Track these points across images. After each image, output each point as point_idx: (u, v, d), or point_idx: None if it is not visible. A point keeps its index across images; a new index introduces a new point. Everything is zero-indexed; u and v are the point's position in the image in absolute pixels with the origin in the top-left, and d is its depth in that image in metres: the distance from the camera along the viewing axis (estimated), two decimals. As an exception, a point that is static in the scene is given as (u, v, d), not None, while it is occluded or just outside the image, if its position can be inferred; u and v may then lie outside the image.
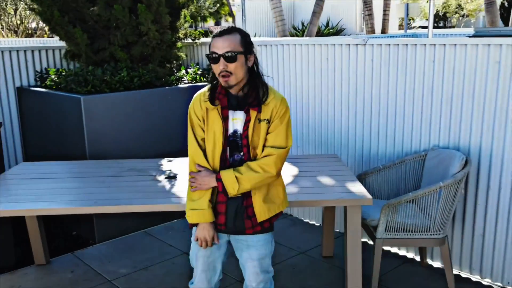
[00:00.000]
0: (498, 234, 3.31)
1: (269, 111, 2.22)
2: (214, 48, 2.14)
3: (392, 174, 3.59)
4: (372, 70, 3.76)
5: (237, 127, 2.25)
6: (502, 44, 3.07)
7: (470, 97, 3.27)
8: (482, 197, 3.34)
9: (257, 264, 2.36)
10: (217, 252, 2.41)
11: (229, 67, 2.12)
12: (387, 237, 3.09)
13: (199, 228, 2.31)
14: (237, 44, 2.13)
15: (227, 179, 2.21)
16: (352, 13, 14.09)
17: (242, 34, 2.17)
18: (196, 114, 2.29)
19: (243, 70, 2.16)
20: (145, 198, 2.81)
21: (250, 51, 2.18)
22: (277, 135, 2.24)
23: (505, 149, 3.18)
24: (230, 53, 2.11)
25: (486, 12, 9.97)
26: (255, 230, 2.31)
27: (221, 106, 2.23)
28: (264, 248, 2.37)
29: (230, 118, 2.25)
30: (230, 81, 2.15)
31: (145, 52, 4.44)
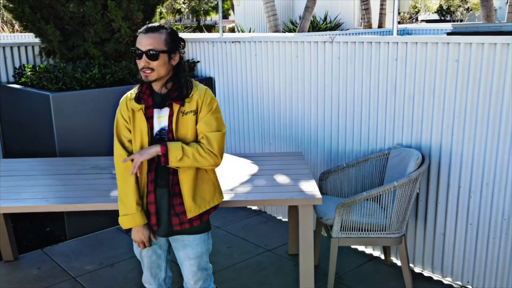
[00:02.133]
0: (458, 233, 3.30)
1: (194, 103, 2.23)
2: (138, 44, 2.17)
3: (356, 172, 3.58)
4: (339, 67, 3.75)
5: (163, 125, 2.26)
6: (461, 43, 3.04)
7: (431, 95, 3.25)
8: (443, 196, 3.33)
9: (193, 262, 2.39)
10: (159, 250, 2.45)
11: (151, 64, 2.15)
12: (342, 236, 3.09)
13: (133, 232, 2.33)
14: (161, 42, 2.15)
15: (173, 146, 2.20)
16: (350, 8, 14.00)
17: (168, 33, 2.19)
18: (122, 116, 2.31)
19: (165, 68, 2.18)
20: (97, 196, 2.83)
21: (174, 50, 2.19)
22: (207, 122, 2.24)
23: (464, 148, 3.16)
24: (152, 51, 2.13)
25: (482, 6, 9.86)
26: (183, 227, 2.30)
27: (145, 106, 2.25)
28: (200, 246, 2.39)
29: (155, 116, 2.26)
30: (150, 76, 2.17)
31: (118, 49, 4.45)
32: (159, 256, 2.46)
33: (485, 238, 3.17)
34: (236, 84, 4.66)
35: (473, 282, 3.30)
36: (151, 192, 2.29)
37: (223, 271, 3.61)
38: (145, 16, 4.55)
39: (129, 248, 4.02)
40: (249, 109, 4.56)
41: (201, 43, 4.95)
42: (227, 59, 4.70)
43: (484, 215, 3.15)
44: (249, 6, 15.13)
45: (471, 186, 3.17)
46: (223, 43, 4.70)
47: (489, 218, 3.12)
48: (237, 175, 3.18)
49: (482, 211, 3.15)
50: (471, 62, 3.02)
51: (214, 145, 2.24)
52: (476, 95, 3.03)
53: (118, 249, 4.02)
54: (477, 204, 3.16)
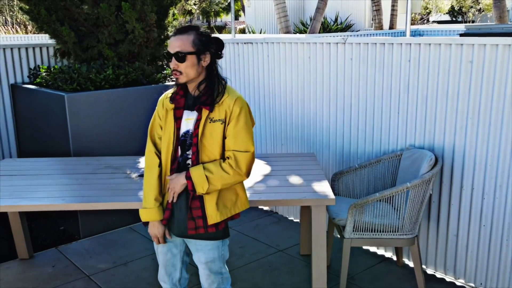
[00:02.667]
0: (471, 234, 3.29)
1: (223, 111, 2.21)
2: (169, 47, 2.20)
3: (368, 173, 3.58)
4: (352, 68, 3.75)
5: (189, 127, 2.28)
6: (474, 44, 3.03)
7: (444, 97, 3.25)
8: (456, 197, 3.32)
9: (205, 267, 2.40)
10: (174, 249, 2.46)
11: (179, 66, 2.17)
12: (355, 236, 3.09)
13: (150, 226, 2.36)
14: (188, 44, 2.16)
15: (197, 178, 2.20)
16: (361, 9, 13.97)
17: (197, 33, 2.19)
18: (158, 114, 2.36)
19: (194, 70, 2.18)
20: (112, 196, 2.87)
21: (204, 51, 2.20)
22: (236, 138, 2.23)
23: (477, 149, 3.15)
24: (179, 53, 2.15)
25: (494, 7, 9.80)
26: (197, 232, 2.30)
27: (176, 106, 2.28)
28: (212, 252, 2.37)
29: (184, 118, 2.28)
30: (179, 79, 2.20)
31: (132, 50, 4.49)
32: (174, 255, 2.47)
33: (498, 239, 3.16)
34: (248, 85, 4.68)
35: (486, 283, 3.28)
36: (191, 190, 2.27)
37: (235, 271, 3.63)
38: (158, 17, 4.60)
39: (142, 247, 4.06)
40: (261, 110, 4.58)
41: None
42: (239, 60, 4.73)
43: (497, 217, 3.13)
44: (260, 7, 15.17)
45: (485, 188, 3.16)
46: (235, 44, 4.72)
47: (503, 220, 3.11)
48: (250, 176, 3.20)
49: (495, 213, 3.14)
50: (485, 63, 3.01)
51: (243, 166, 2.23)
52: (490, 97, 3.02)
53: (131, 248, 4.06)
54: (490, 206, 3.15)
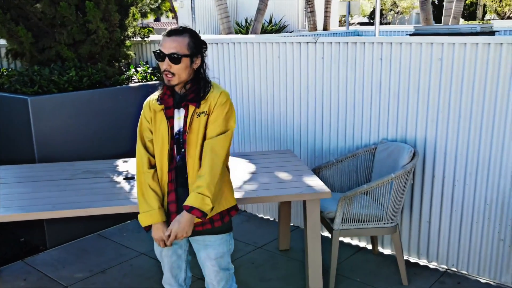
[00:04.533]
0: (442, 220, 3.54)
1: (207, 104, 2.23)
2: (162, 47, 2.17)
3: (344, 167, 3.73)
4: (323, 67, 3.89)
5: (181, 125, 2.28)
6: (444, 43, 3.27)
7: (416, 92, 3.46)
8: (428, 186, 3.55)
9: (215, 263, 2.40)
10: (179, 250, 2.45)
11: (172, 68, 2.16)
12: (343, 228, 3.22)
13: (153, 229, 2.31)
14: (184, 46, 2.16)
15: (195, 202, 2.16)
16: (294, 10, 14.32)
17: (192, 36, 2.19)
18: (145, 117, 2.34)
19: (186, 72, 2.19)
20: (107, 200, 2.78)
21: (196, 53, 2.20)
22: (216, 124, 2.23)
23: (448, 140, 3.39)
24: (175, 55, 2.14)
25: (421, 10, 10.46)
26: (204, 227, 2.31)
27: (165, 106, 2.26)
28: (221, 247, 2.39)
29: (175, 117, 2.27)
30: (172, 80, 2.19)
31: (93, 51, 4.33)
32: (179, 256, 2.45)
33: (468, 223, 3.43)
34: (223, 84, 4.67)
35: (457, 265, 3.55)
36: (171, 191, 2.30)
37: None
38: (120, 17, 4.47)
39: (116, 254, 3.94)
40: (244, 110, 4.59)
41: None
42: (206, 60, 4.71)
43: (467, 202, 3.40)
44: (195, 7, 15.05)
45: (455, 176, 3.41)
46: (199, 44, 4.70)
47: (472, 205, 3.38)
48: (237, 173, 3.23)
49: (466, 199, 3.40)
50: (454, 60, 3.25)
51: (219, 151, 2.22)
52: (459, 92, 3.27)
53: (105, 255, 3.93)
54: (461, 193, 3.41)
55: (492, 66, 3.12)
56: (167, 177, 2.30)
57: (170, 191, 2.30)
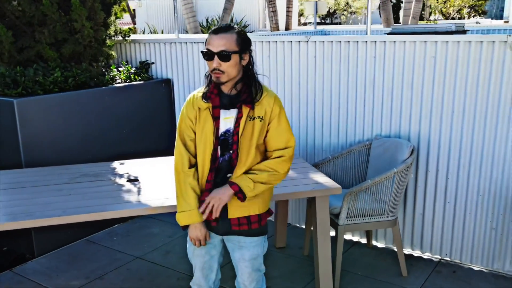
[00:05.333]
0: (436, 212, 3.67)
1: (263, 109, 2.24)
2: (209, 45, 2.14)
3: (340, 163, 3.80)
4: (315, 65, 3.94)
5: (229, 126, 2.26)
6: (437, 41, 3.39)
7: (409, 89, 3.57)
8: (422, 179, 3.67)
9: (248, 264, 2.39)
10: (213, 250, 2.42)
11: (222, 65, 2.13)
12: (348, 223, 3.28)
13: (191, 228, 2.31)
14: (233, 43, 2.14)
15: (241, 180, 2.21)
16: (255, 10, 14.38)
17: (238, 33, 2.18)
18: (188, 115, 2.29)
19: (236, 69, 2.17)
20: (118, 203, 2.70)
21: (245, 50, 2.19)
22: (279, 135, 2.27)
23: (442, 135, 3.52)
24: (224, 52, 2.11)
25: (382, 10, 10.78)
26: (241, 228, 2.31)
27: (213, 105, 2.24)
28: (256, 249, 2.38)
29: (221, 117, 2.25)
30: (221, 78, 2.16)
31: (77, 50, 4.19)
32: (212, 257, 2.43)
33: (462, 214, 3.57)
34: (200, 85, 4.64)
35: (451, 254, 3.69)
36: (207, 190, 2.28)
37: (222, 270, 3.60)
38: (103, 16, 4.35)
39: (110, 259, 3.83)
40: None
41: (157, 44, 4.85)
42: (188, 60, 4.67)
43: (461, 194, 3.54)
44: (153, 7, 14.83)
45: (449, 169, 3.55)
46: (183, 43, 4.65)
47: (466, 196, 3.53)
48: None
49: (459, 190, 3.54)
50: (447, 58, 3.38)
51: (283, 164, 2.27)
52: (453, 88, 3.40)
53: (99, 261, 3.81)
54: (454, 185, 3.55)
55: (484, 63, 3.26)
56: (206, 177, 2.27)
57: (205, 191, 2.27)
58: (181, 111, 2.35)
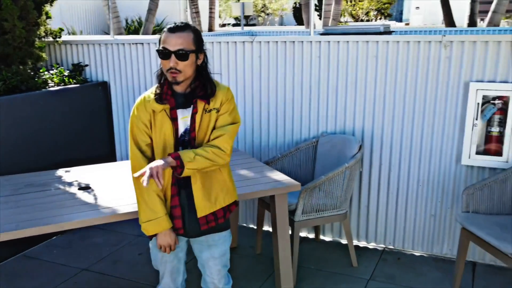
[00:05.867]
0: (380, 203, 3.87)
1: (218, 101, 2.21)
2: (166, 44, 2.09)
3: (289, 161, 3.87)
4: (260, 66, 3.98)
5: (187, 125, 2.21)
6: (379, 41, 3.58)
7: (353, 87, 3.73)
8: (366, 173, 3.85)
9: (218, 262, 2.40)
10: (180, 253, 2.42)
11: (179, 65, 2.09)
12: (303, 219, 3.36)
13: (160, 236, 2.24)
14: (190, 42, 2.11)
15: (183, 153, 2.12)
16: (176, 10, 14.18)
17: (195, 32, 2.15)
18: (141, 119, 2.19)
19: (192, 68, 2.15)
20: (76, 212, 2.55)
21: (201, 49, 2.18)
22: (224, 117, 2.23)
23: (384, 130, 3.72)
24: (182, 51, 2.08)
25: (304, 12, 11.10)
26: (209, 225, 2.29)
27: (170, 106, 2.18)
28: (224, 244, 2.40)
29: (179, 118, 2.20)
30: (178, 77, 2.12)
31: (6, 51, 3.90)
32: (179, 259, 2.42)
33: (403, 204, 3.80)
34: (139, 88, 4.52)
35: (394, 243, 3.91)
36: (174, 195, 2.24)
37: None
38: (35, 15, 4.09)
39: (53, 274, 3.62)
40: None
41: (91, 45, 4.64)
42: (125, 62, 4.52)
43: (402, 185, 3.76)
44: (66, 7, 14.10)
45: (391, 162, 3.76)
46: (120, 45, 4.50)
47: (407, 187, 3.75)
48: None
49: (401, 182, 3.76)
50: (388, 57, 3.58)
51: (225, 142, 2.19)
52: (394, 85, 3.61)
53: (41, 277, 3.58)
54: (396, 177, 3.77)
55: (422, 62, 3.49)
56: (169, 180, 2.21)
57: (173, 195, 2.22)
58: (131, 115, 2.24)
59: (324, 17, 11.33)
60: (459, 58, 3.41)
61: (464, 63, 3.40)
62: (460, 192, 3.58)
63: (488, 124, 3.42)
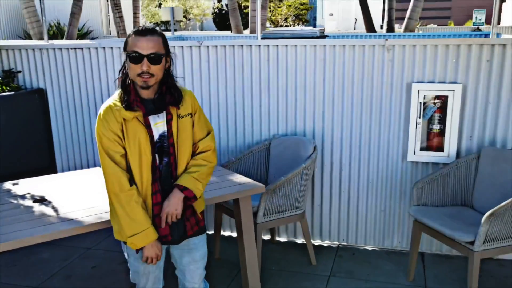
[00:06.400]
0: (332, 202, 3.99)
1: (189, 106, 2.24)
2: (137, 48, 2.04)
3: (243, 164, 3.89)
4: (208, 70, 3.97)
5: (161, 131, 2.18)
6: (326, 45, 3.70)
7: (302, 90, 3.83)
8: (318, 173, 3.96)
9: (200, 265, 2.40)
10: (161, 262, 2.38)
11: (151, 68, 2.06)
12: (265, 220, 3.39)
13: (147, 248, 2.18)
14: (161, 45, 2.10)
15: (189, 183, 2.17)
16: (97, 15, 13.67)
17: (162, 35, 2.14)
18: (111, 129, 2.10)
19: (162, 72, 2.13)
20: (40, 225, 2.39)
21: (168, 52, 2.16)
22: (201, 126, 2.30)
23: (334, 131, 3.85)
24: (154, 54, 2.05)
25: (231, 17, 11.19)
26: (193, 230, 2.30)
27: (143, 113, 2.13)
28: (204, 247, 2.41)
29: (151, 124, 2.16)
30: (149, 81, 2.08)
31: None
32: (160, 268, 2.38)
33: (355, 201, 3.95)
34: (79, 94, 4.32)
35: (348, 239, 4.05)
36: (157, 203, 2.19)
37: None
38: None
39: (0, 295, 3.36)
40: (101, 119, 4.30)
41: (23, 50, 4.38)
42: (63, 67, 4.31)
43: (353, 183, 3.91)
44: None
45: (342, 161, 3.89)
46: (57, 50, 4.29)
47: (357, 184, 3.91)
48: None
49: (352, 180, 3.91)
50: (336, 60, 3.71)
51: (213, 155, 2.32)
52: (341, 87, 3.75)
53: (-15, 299, 3.31)
54: (347, 175, 3.91)
55: (367, 64, 3.66)
56: (150, 189, 2.14)
57: (155, 204, 2.16)
58: (97, 127, 2.13)
59: (251, 22, 11.48)
60: (401, 61, 3.62)
61: (405, 65, 3.62)
62: (407, 187, 3.80)
63: (429, 122, 3.66)
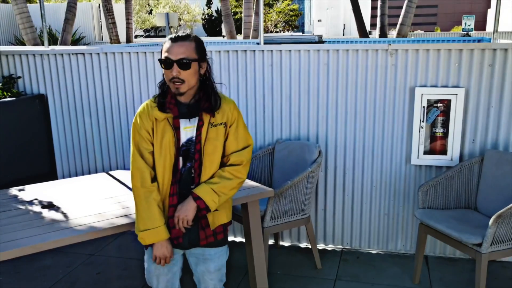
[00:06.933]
0: (336, 205, 4.01)
1: (225, 115, 2.23)
2: (168, 53, 2.08)
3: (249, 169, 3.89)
4: (212, 75, 3.97)
5: (190, 136, 2.20)
6: (329, 50, 3.73)
7: (306, 94, 3.85)
8: (322, 177, 3.98)
9: (214, 276, 2.37)
10: (175, 267, 2.36)
11: (182, 74, 2.09)
12: (271, 224, 3.39)
13: (157, 247, 2.19)
14: (192, 51, 2.11)
15: (205, 194, 2.15)
16: (89, 22, 13.63)
17: (197, 41, 2.15)
18: (143, 127, 2.18)
19: (195, 78, 2.14)
20: (51, 231, 2.37)
21: (203, 58, 2.17)
22: (237, 138, 2.27)
23: (337, 135, 3.87)
24: (184, 60, 2.07)
25: (225, 23, 11.22)
26: (208, 241, 2.29)
27: (173, 115, 2.16)
28: (220, 259, 2.37)
29: (181, 127, 2.18)
30: (181, 88, 2.11)
31: None
32: (174, 273, 2.34)
33: (358, 205, 3.96)
34: (80, 100, 4.30)
35: (351, 243, 4.06)
36: (172, 205, 2.19)
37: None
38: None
39: (4, 303, 3.32)
40: (100, 124, 4.28)
41: (23, 56, 4.35)
42: (64, 73, 4.29)
43: (357, 187, 3.93)
44: None
45: (345, 165, 3.91)
46: (58, 55, 4.27)
47: (361, 188, 3.93)
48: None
49: (355, 184, 3.93)
50: (339, 65, 3.74)
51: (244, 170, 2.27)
52: (345, 91, 3.77)
53: (-11, 308, 3.27)
54: (351, 179, 3.93)
55: (370, 69, 3.69)
56: (168, 190, 2.15)
57: (171, 205, 2.16)
58: (133, 123, 2.23)
59: (245, 28, 11.53)
60: (404, 65, 3.66)
61: (408, 69, 3.65)
62: (411, 190, 3.82)
63: (432, 126, 3.70)
